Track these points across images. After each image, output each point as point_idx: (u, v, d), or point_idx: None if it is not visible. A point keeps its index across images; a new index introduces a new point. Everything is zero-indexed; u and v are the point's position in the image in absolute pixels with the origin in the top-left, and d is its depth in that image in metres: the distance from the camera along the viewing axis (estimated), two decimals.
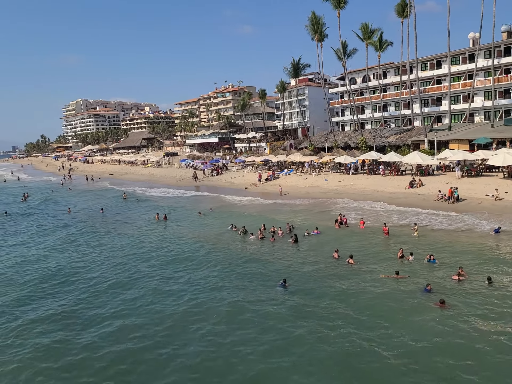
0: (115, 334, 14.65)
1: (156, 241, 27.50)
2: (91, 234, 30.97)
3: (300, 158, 53.83)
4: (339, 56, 61.14)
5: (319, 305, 15.93)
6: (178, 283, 19.26)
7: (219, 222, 31.63)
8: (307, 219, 30.73)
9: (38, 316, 16.42)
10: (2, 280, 21.18)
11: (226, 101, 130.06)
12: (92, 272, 21.71)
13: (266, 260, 21.93)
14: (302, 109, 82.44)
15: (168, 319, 15.54)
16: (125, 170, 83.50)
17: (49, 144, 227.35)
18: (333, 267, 20.13)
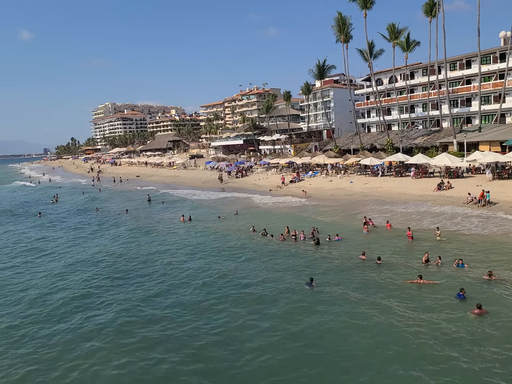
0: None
1: (182, 240, 27.91)
2: (119, 235, 31.66)
3: (325, 160, 53.48)
4: (365, 57, 60.47)
5: (345, 306, 15.82)
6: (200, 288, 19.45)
7: (242, 224, 31.77)
8: (332, 221, 30.51)
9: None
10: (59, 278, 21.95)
11: (251, 103, 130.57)
12: (129, 269, 22.20)
13: (290, 259, 21.94)
14: (327, 111, 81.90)
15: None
16: (151, 172, 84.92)
17: (78, 146, 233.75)
18: (360, 268, 19.96)
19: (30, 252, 27.79)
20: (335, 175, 49.51)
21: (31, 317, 16.93)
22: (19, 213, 45.42)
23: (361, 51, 61.13)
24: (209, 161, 79.96)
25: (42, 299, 18.82)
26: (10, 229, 36.90)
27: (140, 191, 58.91)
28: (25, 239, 32.16)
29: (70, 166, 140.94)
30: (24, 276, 22.50)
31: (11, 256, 27.15)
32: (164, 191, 55.66)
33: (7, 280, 22.01)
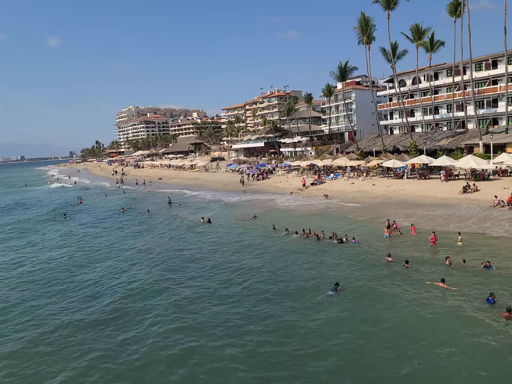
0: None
1: (201, 242, 28.16)
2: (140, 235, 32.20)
3: (347, 162, 53.05)
4: (388, 58, 59.74)
5: (370, 312, 15.50)
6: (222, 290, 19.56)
7: (263, 225, 31.86)
8: (353, 224, 30.26)
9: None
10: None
11: (272, 106, 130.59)
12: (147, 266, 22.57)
13: (313, 262, 21.85)
14: (349, 113, 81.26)
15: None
16: (173, 174, 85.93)
17: (103, 149, 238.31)
18: (386, 271, 19.75)
19: (82, 252, 28.57)
20: (357, 178, 49.05)
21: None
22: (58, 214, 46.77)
23: (384, 52, 60.44)
24: (230, 164, 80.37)
25: (124, 292, 19.57)
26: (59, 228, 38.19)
27: (162, 193, 59.68)
28: (69, 238, 33.28)
29: (94, 169, 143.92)
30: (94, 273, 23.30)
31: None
32: (186, 193, 56.30)
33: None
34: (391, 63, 59.82)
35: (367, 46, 58.50)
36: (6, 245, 32.13)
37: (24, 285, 21.75)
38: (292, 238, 26.98)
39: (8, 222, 43.12)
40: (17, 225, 40.82)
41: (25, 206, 56.30)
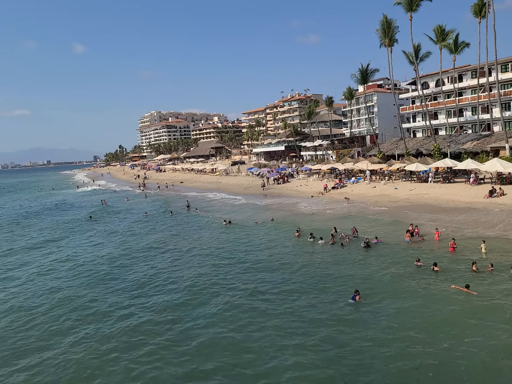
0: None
1: (225, 244, 28.36)
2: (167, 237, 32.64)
3: (368, 166, 52.52)
4: (411, 60, 59.00)
5: (393, 323, 15.16)
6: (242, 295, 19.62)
7: (282, 229, 31.85)
8: (375, 228, 29.91)
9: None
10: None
11: (292, 110, 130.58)
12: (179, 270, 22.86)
13: (336, 267, 21.69)
14: (371, 116, 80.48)
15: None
16: (194, 178, 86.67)
17: (126, 154, 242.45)
18: (412, 276, 19.43)
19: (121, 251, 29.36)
20: (379, 181, 48.50)
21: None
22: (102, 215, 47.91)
23: (406, 54, 59.72)
24: (250, 167, 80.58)
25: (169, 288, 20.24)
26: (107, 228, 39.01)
27: (183, 196, 60.20)
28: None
29: (118, 173, 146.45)
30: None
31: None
32: (207, 197, 56.70)
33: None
34: (414, 65, 59.05)
35: (389, 48, 57.95)
36: (61, 242, 34.10)
37: (92, 283, 22.67)
38: (316, 243, 26.79)
39: (53, 223, 44.87)
40: (65, 225, 42.73)
41: (63, 208, 58.04)
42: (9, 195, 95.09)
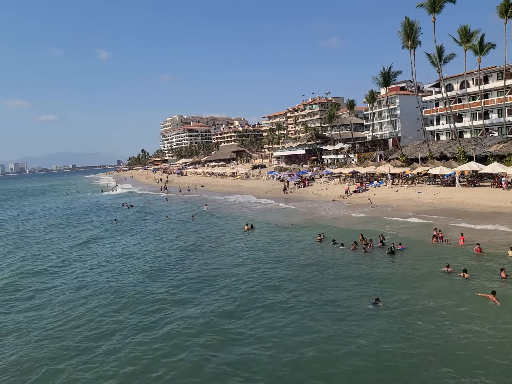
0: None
1: (248, 249, 28.48)
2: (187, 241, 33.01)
3: (391, 169, 51.88)
4: (434, 62, 58.03)
5: (414, 331, 14.87)
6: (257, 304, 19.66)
7: (303, 234, 31.75)
8: (398, 232, 29.52)
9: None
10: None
11: (313, 113, 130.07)
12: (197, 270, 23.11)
13: (360, 272, 21.51)
14: (393, 119, 79.46)
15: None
16: (215, 182, 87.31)
17: (148, 158, 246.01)
18: (440, 282, 19.08)
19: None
20: (402, 185, 47.84)
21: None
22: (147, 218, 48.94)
23: (429, 56, 58.78)
24: (271, 171, 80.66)
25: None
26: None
27: (204, 200, 60.61)
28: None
29: (140, 177, 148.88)
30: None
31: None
32: (227, 201, 57.00)
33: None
34: (437, 67, 58.07)
35: (412, 50, 57.15)
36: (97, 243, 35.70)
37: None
38: (338, 248, 26.58)
39: (86, 225, 46.65)
40: (89, 228, 44.33)
41: (93, 211, 60.04)
42: (38, 198, 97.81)
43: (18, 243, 38.22)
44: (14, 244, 37.75)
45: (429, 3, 52.36)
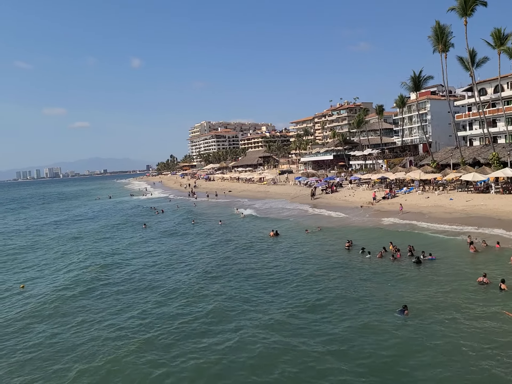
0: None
1: (272, 257, 28.49)
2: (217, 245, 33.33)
3: (421, 175, 50.83)
4: (466, 66, 56.67)
5: (442, 341, 14.51)
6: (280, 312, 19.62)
7: (331, 240, 31.52)
8: (431, 239, 28.89)
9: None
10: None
11: (341, 118, 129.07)
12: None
13: (387, 281, 21.17)
14: (424, 124, 77.88)
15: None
16: (242, 187, 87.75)
17: (176, 163, 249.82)
18: (475, 293, 18.43)
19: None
20: (433, 192, 46.77)
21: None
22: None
23: (461, 60, 57.46)
24: (298, 177, 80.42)
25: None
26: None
27: (231, 205, 61.02)
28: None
29: (168, 182, 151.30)
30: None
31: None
32: (254, 206, 57.14)
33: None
34: (470, 71, 56.66)
35: (443, 54, 56.04)
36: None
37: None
38: (365, 257, 26.17)
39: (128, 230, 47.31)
40: (113, 232, 44.74)
41: (131, 214, 61.64)
42: (76, 201, 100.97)
43: (80, 244, 39.42)
44: (83, 245, 38.72)
45: (460, 6, 51.31)
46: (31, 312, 20.55)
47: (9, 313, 20.69)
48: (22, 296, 23.42)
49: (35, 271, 29.62)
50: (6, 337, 17.74)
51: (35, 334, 17.90)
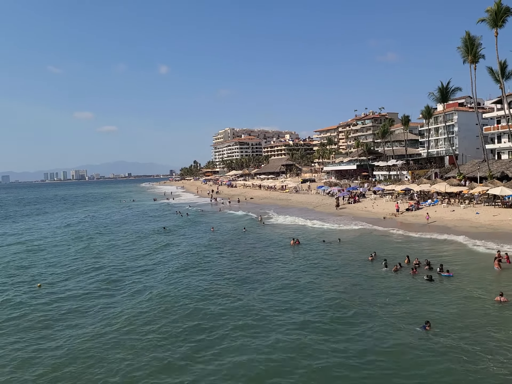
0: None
1: (293, 264, 28.44)
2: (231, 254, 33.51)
3: (447, 188, 49.89)
4: (496, 77, 55.56)
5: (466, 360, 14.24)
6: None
7: (352, 251, 31.22)
8: (452, 254, 28.31)
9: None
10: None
11: (365, 128, 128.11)
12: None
13: (402, 294, 20.85)
14: (450, 136, 76.51)
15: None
16: (264, 194, 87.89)
17: (199, 168, 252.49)
18: (493, 312, 17.95)
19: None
20: (458, 205, 45.83)
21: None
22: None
23: (491, 71, 56.39)
24: (321, 186, 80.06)
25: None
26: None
27: (253, 212, 61.03)
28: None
29: (191, 187, 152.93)
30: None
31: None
32: (275, 214, 57.07)
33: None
34: (500, 83, 55.54)
35: (473, 65, 55.14)
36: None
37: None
38: (382, 269, 25.67)
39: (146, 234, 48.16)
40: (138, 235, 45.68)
41: (154, 218, 62.52)
42: (103, 203, 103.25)
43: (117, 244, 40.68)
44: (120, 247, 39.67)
45: (491, 17, 50.51)
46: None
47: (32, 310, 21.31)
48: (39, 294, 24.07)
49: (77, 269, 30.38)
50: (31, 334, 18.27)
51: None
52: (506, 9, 49.87)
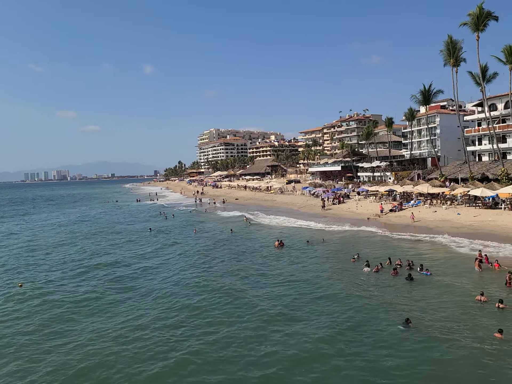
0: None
1: (277, 266, 28.47)
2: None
3: (429, 189, 50.68)
4: (477, 81, 56.71)
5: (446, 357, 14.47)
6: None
7: (335, 252, 31.44)
8: (432, 255, 28.73)
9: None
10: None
11: (350, 130, 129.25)
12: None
13: (384, 295, 21.08)
14: (433, 138, 77.82)
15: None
16: (249, 195, 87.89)
17: (184, 169, 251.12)
18: (473, 311, 18.25)
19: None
20: (440, 206, 46.60)
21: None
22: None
23: (472, 75, 57.53)
24: (306, 187, 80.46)
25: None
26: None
27: (238, 214, 61.01)
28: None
29: (176, 187, 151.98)
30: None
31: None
32: (260, 215, 57.09)
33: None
34: (481, 87, 56.70)
35: (455, 69, 56.14)
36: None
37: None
38: (364, 270, 25.68)
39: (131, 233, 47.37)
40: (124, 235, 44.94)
41: (143, 219, 61.55)
42: (88, 203, 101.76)
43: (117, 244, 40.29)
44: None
45: (472, 21, 51.52)
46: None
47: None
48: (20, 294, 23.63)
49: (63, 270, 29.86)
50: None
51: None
52: (488, 13, 50.91)
